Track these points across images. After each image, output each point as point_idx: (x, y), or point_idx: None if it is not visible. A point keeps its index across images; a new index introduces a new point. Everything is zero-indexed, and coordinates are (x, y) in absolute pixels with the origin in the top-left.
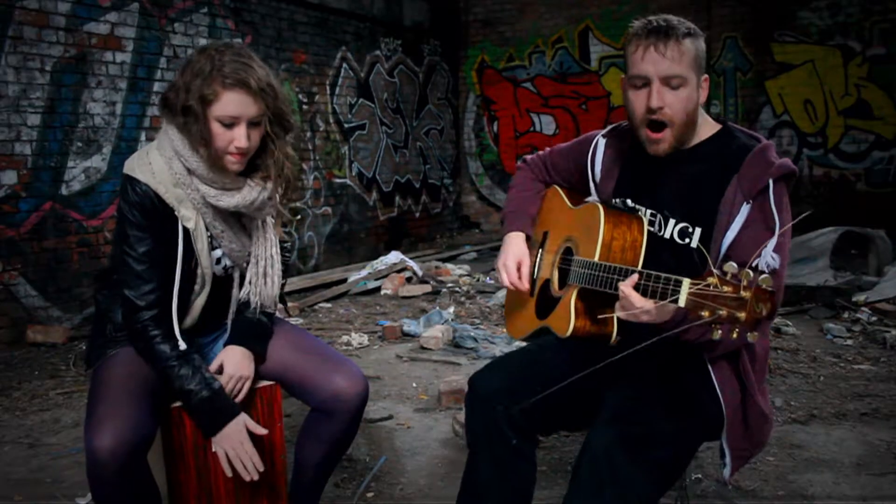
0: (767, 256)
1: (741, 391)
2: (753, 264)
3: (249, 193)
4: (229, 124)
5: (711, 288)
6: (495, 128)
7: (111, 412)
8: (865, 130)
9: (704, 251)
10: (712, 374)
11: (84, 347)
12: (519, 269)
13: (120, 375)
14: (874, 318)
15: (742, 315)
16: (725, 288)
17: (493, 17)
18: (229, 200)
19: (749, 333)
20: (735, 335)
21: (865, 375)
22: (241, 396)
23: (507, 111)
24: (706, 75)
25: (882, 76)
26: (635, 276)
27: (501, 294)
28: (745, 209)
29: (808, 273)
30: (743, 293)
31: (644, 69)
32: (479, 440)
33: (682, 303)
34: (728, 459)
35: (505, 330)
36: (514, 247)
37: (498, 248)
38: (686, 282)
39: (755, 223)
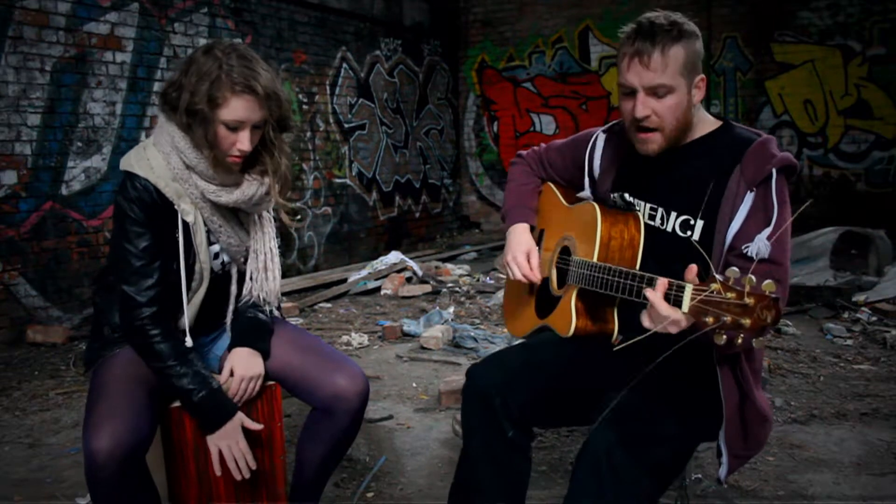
0: (759, 243)
1: (739, 391)
2: (744, 250)
3: (248, 189)
4: (234, 127)
5: (715, 294)
6: (495, 128)
7: (109, 414)
8: (865, 130)
9: (705, 254)
10: (719, 374)
11: (84, 347)
12: (529, 262)
13: (118, 377)
14: (874, 318)
15: (747, 322)
16: (729, 294)
17: (493, 17)
18: (228, 197)
19: (754, 339)
20: (740, 341)
21: (865, 375)
22: (251, 394)
23: (507, 111)
24: (702, 75)
25: (882, 76)
26: (664, 283)
27: (501, 294)
28: (748, 198)
29: (808, 273)
30: (747, 300)
31: (629, 80)
32: (474, 432)
33: (685, 308)
34: (725, 459)
35: (505, 329)
36: (521, 239)
37: (498, 248)
38: (689, 287)
39: (757, 212)
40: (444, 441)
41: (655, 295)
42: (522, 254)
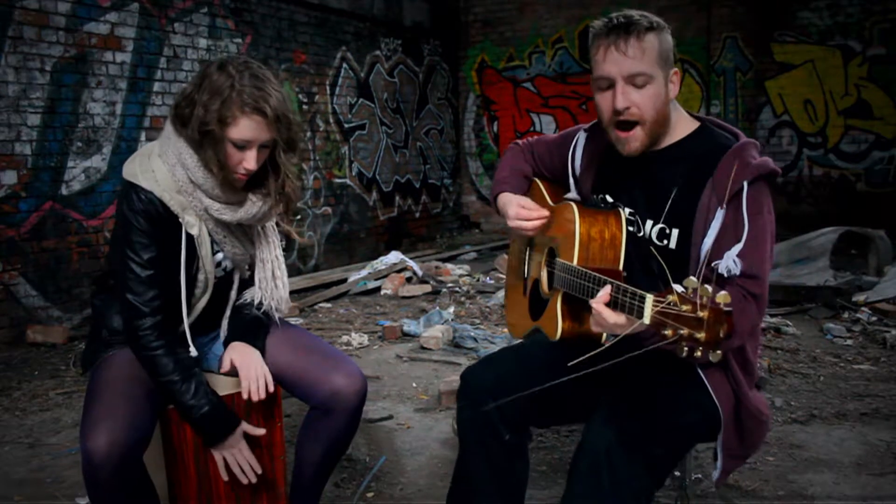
0: (728, 261)
1: (734, 394)
2: (714, 267)
3: (251, 208)
4: (241, 146)
5: (672, 306)
6: (495, 128)
7: (106, 413)
8: (865, 130)
9: (665, 266)
10: (703, 378)
11: (83, 348)
12: (526, 208)
13: (116, 377)
14: (874, 318)
15: (702, 336)
16: (684, 307)
17: (493, 17)
18: (232, 215)
19: (711, 353)
20: (699, 354)
21: (865, 375)
22: (266, 391)
23: (507, 111)
24: (675, 69)
25: (882, 76)
26: (607, 292)
27: (501, 294)
28: (719, 214)
29: (808, 273)
30: (700, 313)
31: (607, 70)
32: (470, 436)
33: (646, 320)
34: (720, 462)
35: (505, 330)
36: (509, 199)
37: (498, 248)
38: (649, 298)
39: (728, 229)
40: (444, 441)
41: (598, 303)
42: (516, 206)
